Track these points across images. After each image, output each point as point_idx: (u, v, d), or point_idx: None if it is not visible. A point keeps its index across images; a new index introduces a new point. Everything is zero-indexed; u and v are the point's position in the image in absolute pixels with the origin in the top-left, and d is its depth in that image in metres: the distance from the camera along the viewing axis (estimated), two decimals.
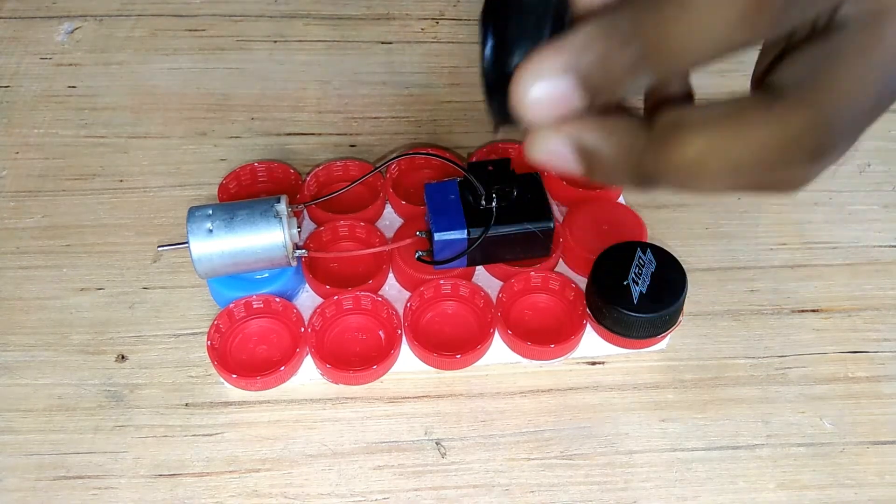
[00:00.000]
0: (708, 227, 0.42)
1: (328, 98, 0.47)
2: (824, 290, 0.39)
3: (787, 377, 0.36)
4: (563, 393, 0.36)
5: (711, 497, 0.33)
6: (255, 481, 0.33)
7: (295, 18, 0.51)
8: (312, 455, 0.34)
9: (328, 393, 0.35)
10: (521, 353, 0.35)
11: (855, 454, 0.34)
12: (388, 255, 0.37)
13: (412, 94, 0.47)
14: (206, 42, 0.49)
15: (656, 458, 0.34)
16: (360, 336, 0.36)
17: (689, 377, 0.36)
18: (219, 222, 0.32)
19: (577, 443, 0.34)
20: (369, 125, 0.45)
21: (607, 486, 0.33)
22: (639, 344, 0.35)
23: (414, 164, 0.41)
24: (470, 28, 0.50)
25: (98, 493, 0.32)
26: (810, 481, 0.33)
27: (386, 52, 0.49)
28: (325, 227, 0.38)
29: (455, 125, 0.45)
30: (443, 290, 0.36)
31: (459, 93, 0.47)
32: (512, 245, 0.36)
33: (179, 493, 0.32)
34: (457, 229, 0.35)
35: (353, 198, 0.40)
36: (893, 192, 0.43)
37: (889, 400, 0.36)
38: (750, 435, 0.34)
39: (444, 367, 0.35)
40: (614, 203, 0.40)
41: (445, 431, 0.34)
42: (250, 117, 0.45)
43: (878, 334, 0.38)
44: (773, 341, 0.37)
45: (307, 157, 0.43)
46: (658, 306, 0.33)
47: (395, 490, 0.33)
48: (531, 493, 0.33)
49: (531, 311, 0.37)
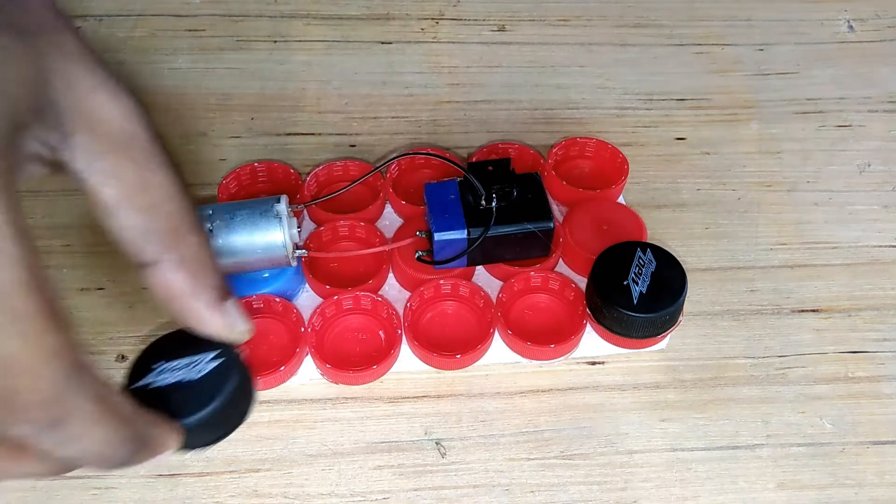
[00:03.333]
0: (708, 227, 0.42)
1: (328, 98, 0.47)
2: (824, 290, 0.39)
3: (787, 377, 0.36)
4: (563, 393, 0.36)
5: (711, 497, 0.33)
6: (255, 481, 0.33)
7: (295, 18, 0.51)
8: (312, 455, 0.34)
9: (328, 393, 0.35)
10: (521, 353, 0.35)
11: (855, 454, 0.34)
12: (388, 255, 0.37)
13: (412, 94, 0.47)
14: (206, 42, 0.49)
15: (656, 458, 0.34)
16: (360, 336, 0.36)
17: (689, 377, 0.36)
18: (219, 222, 0.32)
19: (577, 443, 0.34)
20: (369, 125, 0.45)
21: (607, 486, 0.33)
22: (639, 344, 0.35)
23: (414, 164, 0.41)
24: (470, 28, 0.51)
25: (98, 493, 0.32)
26: (810, 481, 0.33)
27: (386, 52, 0.49)
28: (325, 227, 0.38)
29: (455, 125, 0.45)
30: (443, 290, 0.36)
31: (459, 93, 0.47)
32: (512, 245, 0.36)
33: (179, 493, 0.32)
34: (457, 229, 0.35)
35: (353, 198, 0.40)
36: (893, 192, 0.43)
37: (889, 400, 0.36)
38: (750, 435, 0.35)
39: (444, 367, 0.35)
40: (614, 203, 0.40)
41: (445, 431, 0.34)
42: (250, 117, 0.45)
43: (878, 334, 0.38)
44: (773, 341, 0.37)
45: (307, 157, 0.43)
46: (658, 306, 0.33)
47: (395, 490, 0.33)
48: (531, 493, 0.33)
49: (531, 311, 0.37)
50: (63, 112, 0.24)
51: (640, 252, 0.35)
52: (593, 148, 0.42)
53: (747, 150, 0.45)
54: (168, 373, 0.27)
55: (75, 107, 0.24)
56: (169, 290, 0.26)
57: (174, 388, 0.27)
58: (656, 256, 0.35)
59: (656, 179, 0.43)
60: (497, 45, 0.50)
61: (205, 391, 0.27)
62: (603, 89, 0.47)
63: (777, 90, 0.48)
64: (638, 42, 0.50)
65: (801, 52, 0.50)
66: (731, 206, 0.42)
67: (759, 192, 0.43)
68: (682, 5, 0.52)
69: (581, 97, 0.47)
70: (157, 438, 0.25)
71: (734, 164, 0.44)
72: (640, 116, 0.46)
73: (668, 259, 0.35)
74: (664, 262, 0.35)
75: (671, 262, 0.35)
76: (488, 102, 0.47)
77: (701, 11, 0.52)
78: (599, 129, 0.45)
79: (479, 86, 0.47)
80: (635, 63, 0.49)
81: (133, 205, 0.25)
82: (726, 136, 0.45)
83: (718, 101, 0.47)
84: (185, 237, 0.26)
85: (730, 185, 0.43)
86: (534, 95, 0.47)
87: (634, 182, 0.43)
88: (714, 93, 0.47)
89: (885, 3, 0.53)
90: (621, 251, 0.35)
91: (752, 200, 0.43)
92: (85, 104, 0.25)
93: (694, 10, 0.52)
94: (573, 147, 0.42)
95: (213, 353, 0.27)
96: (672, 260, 0.35)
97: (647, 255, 0.35)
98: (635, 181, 0.43)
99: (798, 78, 0.48)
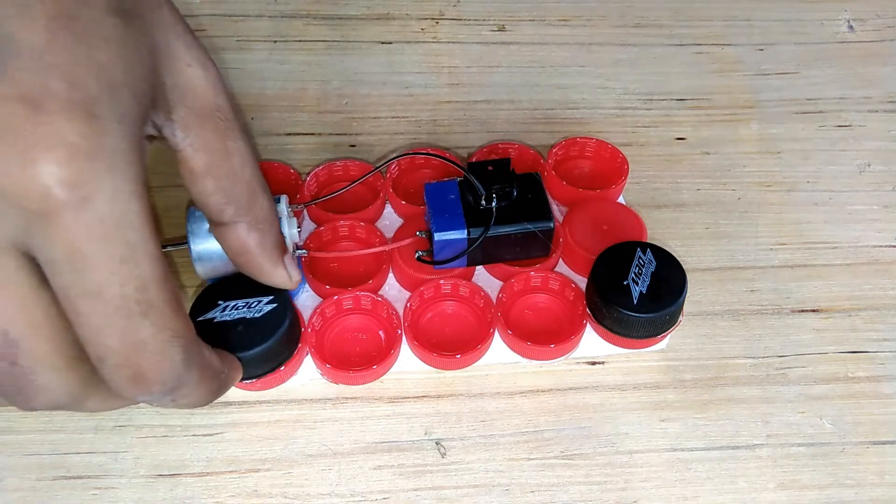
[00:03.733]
0: (708, 227, 0.42)
1: (328, 98, 0.47)
2: (824, 290, 0.39)
3: (787, 377, 0.36)
4: (563, 393, 0.36)
5: (711, 497, 0.33)
6: (255, 481, 0.33)
7: (295, 18, 0.51)
8: (312, 455, 0.34)
9: (328, 393, 0.35)
10: (521, 353, 0.35)
11: (855, 454, 0.34)
12: (388, 255, 0.37)
13: (412, 94, 0.47)
14: (206, 42, 0.49)
15: (656, 458, 0.34)
16: (360, 336, 0.36)
17: (689, 377, 0.36)
18: None
19: (577, 443, 0.34)
20: (369, 125, 0.45)
21: (607, 485, 0.33)
22: (639, 344, 0.35)
23: (414, 164, 0.41)
24: (470, 28, 0.51)
25: (98, 493, 0.32)
26: (810, 481, 0.33)
27: (386, 52, 0.49)
28: (325, 227, 0.38)
29: (455, 125, 0.45)
30: (443, 290, 0.36)
31: (459, 93, 0.47)
32: (512, 245, 0.36)
33: (179, 493, 0.32)
34: (457, 229, 0.35)
35: (353, 198, 0.40)
36: (893, 192, 0.43)
37: (889, 400, 0.36)
38: (750, 435, 0.35)
39: (444, 367, 0.35)
40: (614, 203, 0.40)
41: (445, 431, 0.34)
42: (250, 117, 0.45)
43: (878, 334, 0.38)
44: (773, 341, 0.37)
45: (307, 157, 0.43)
46: (658, 306, 0.34)
47: (395, 490, 0.33)
48: (531, 493, 0.33)
49: (531, 311, 0.37)
50: (168, 90, 0.25)
51: (640, 252, 0.35)
52: (593, 148, 0.42)
53: (747, 150, 0.45)
54: (231, 310, 0.32)
55: (176, 83, 0.25)
56: (243, 247, 0.29)
57: (238, 322, 0.32)
58: (656, 256, 0.35)
59: (656, 179, 0.43)
60: (497, 45, 0.50)
61: (266, 328, 0.32)
62: (603, 89, 0.47)
63: (777, 90, 0.48)
64: (638, 42, 0.50)
65: (801, 52, 0.50)
66: (731, 206, 0.42)
67: (759, 192, 0.43)
68: (682, 5, 0.52)
69: (581, 97, 0.47)
70: (233, 377, 0.30)
71: (734, 164, 0.44)
72: (640, 116, 0.46)
73: (668, 259, 0.35)
74: (664, 262, 0.35)
75: (671, 262, 0.35)
76: (488, 102, 0.47)
77: (701, 11, 0.52)
78: (599, 129, 0.45)
79: (479, 86, 0.47)
80: (635, 63, 0.49)
81: (219, 172, 0.27)
82: (726, 136, 0.45)
83: (718, 101, 0.47)
84: (258, 200, 0.28)
85: (730, 185, 0.43)
86: (534, 95, 0.47)
87: (634, 182, 0.43)
88: (714, 93, 0.47)
89: (885, 3, 0.53)
90: (621, 251, 0.35)
91: (752, 200, 0.43)
92: (182, 79, 0.25)
93: (694, 10, 0.52)
94: (573, 147, 0.42)
95: (269, 298, 0.32)
96: (672, 260, 0.35)
97: (647, 255, 0.35)
98: (635, 181, 0.43)
99: (798, 78, 0.48)
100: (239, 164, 0.27)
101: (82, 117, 0.21)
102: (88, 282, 0.22)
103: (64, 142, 0.21)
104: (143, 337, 0.23)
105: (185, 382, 0.25)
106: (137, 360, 0.23)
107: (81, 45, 0.21)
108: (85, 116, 0.21)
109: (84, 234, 0.21)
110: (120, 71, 0.22)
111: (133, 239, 0.22)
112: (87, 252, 0.21)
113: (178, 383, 0.25)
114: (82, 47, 0.21)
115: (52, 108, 0.21)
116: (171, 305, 0.23)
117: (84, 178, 0.21)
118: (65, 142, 0.21)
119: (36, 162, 0.20)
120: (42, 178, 0.20)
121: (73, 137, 0.21)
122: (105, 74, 0.22)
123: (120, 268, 0.22)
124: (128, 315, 0.22)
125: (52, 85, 0.21)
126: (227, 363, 0.29)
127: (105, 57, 0.22)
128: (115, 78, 0.22)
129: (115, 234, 0.22)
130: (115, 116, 0.22)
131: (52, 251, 0.21)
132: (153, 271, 0.23)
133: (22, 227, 0.21)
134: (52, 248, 0.21)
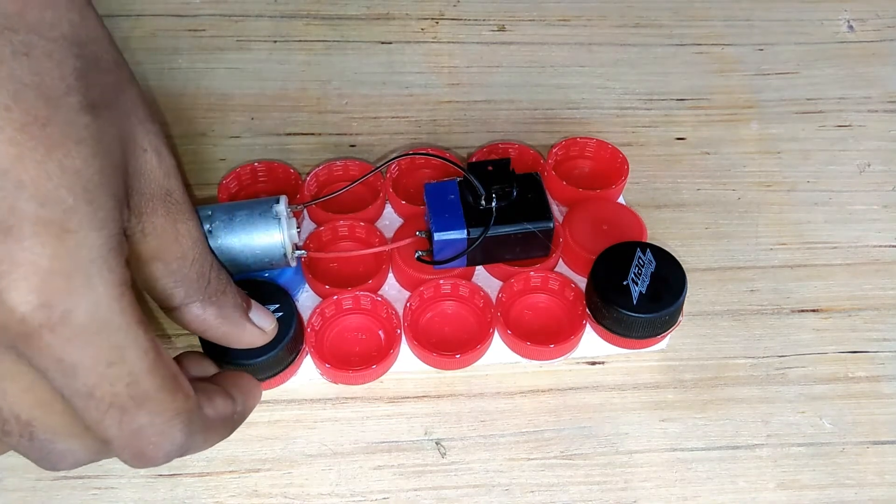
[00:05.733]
0: (708, 227, 0.42)
1: (328, 98, 0.47)
2: (824, 290, 0.39)
3: (787, 377, 0.36)
4: (563, 393, 0.36)
5: (711, 497, 0.33)
6: (255, 481, 0.33)
7: (295, 18, 0.51)
8: (312, 455, 0.34)
9: (328, 393, 0.35)
10: (521, 353, 0.35)
11: (855, 454, 0.34)
12: (387, 255, 0.37)
13: (412, 94, 0.47)
14: (206, 42, 0.49)
15: (656, 458, 0.34)
16: (359, 336, 0.36)
17: (689, 377, 0.36)
18: (218, 223, 0.32)
19: (577, 443, 0.34)
20: (369, 125, 0.45)
21: (607, 485, 0.33)
22: (639, 344, 0.35)
23: (414, 164, 0.41)
24: (470, 28, 0.51)
25: (98, 493, 0.32)
26: (810, 481, 0.33)
27: (386, 52, 0.49)
28: (325, 227, 0.38)
29: (455, 125, 0.45)
30: (442, 289, 0.36)
31: (459, 93, 0.47)
32: (512, 245, 0.36)
33: (179, 493, 0.32)
34: (457, 229, 0.35)
35: (353, 198, 0.40)
36: (893, 192, 0.43)
37: (889, 400, 0.36)
38: (750, 435, 0.35)
39: (444, 366, 0.35)
40: (614, 203, 0.40)
41: (445, 431, 0.34)
42: (250, 117, 0.45)
43: (878, 334, 0.38)
44: (773, 341, 0.37)
45: (307, 157, 0.43)
46: (658, 306, 0.34)
47: (395, 490, 0.33)
48: (531, 493, 0.33)
49: (531, 311, 0.37)
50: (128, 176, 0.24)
51: (640, 252, 0.35)
52: (593, 148, 0.42)
53: (747, 150, 0.45)
54: None
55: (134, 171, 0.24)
56: (203, 323, 0.28)
57: None
58: (656, 256, 0.35)
59: (656, 179, 0.43)
60: (497, 45, 0.50)
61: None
62: (603, 89, 0.47)
63: (777, 90, 0.48)
64: (638, 42, 0.50)
65: (801, 52, 0.50)
66: (731, 206, 0.42)
67: (759, 192, 0.43)
68: (682, 5, 0.52)
69: (581, 97, 0.47)
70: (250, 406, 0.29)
71: (734, 164, 0.44)
72: (640, 116, 0.46)
73: (668, 259, 0.35)
74: (664, 263, 0.35)
75: (671, 263, 0.35)
76: (488, 102, 0.47)
77: (701, 11, 0.52)
78: (599, 129, 0.45)
79: (479, 86, 0.47)
80: (635, 63, 0.49)
81: (168, 256, 0.26)
82: (726, 136, 0.45)
83: (718, 101, 0.47)
84: (208, 278, 0.27)
85: (730, 185, 0.43)
86: (534, 95, 0.47)
87: (634, 182, 0.43)
88: (714, 93, 0.47)
89: (886, 3, 0.53)
90: (621, 251, 0.35)
91: (752, 200, 0.43)
92: (138, 165, 0.25)
93: (694, 10, 0.52)
94: (573, 147, 0.42)
95: (276, 306, 0.33)
96: (672, 260, 0.35)
97: (647, 255, 0.35)
98: (635, 181, 0.43)
99: (798, 78, 0.48)
100: (189, 245, 0.26)
101: (55, 237, 0.20)
102: (79, 385, 0.22)
103: (36, 267, 0.20)
104: (141, 424, 0.23)
105: (192, 447, 0.25)
106: (139, 445, 0.23)
107: (53, 155, 0.20)
108: (58, 235, 0.20)
109: (66, 346, 0.21)
110: (95, 172, 0.21)
111: (118, 340, 0.22)
112: (72, 361, 0.21)
113: (183, 451, 0.25)
114: (54, 156, 0.20)
115: (23, 231, 0.20)
116: (166, 389, 0.23)
117: (60, 298, 0.20)
118: (37, 267, 0.20)
119: (9, 291, 0.20)
120: (16, 308, 0.20)
121: (45, 261, 0.20)
122: (80, 181, 0.21)
123: (108, 370, 0.22)
124: (122, 409, 0.22)
125: (20, 206, 0.20)
126: (242, 391, 0.28)
127: (79, 161, 0.21)
128: (90, 182, 0.21)
129: (98, 340, 0.21)
130: (94, 224, 0.21)
131: (39, 362, 0.21)
132: (143, 364, 0.22)
133: (9, 342, 0.21)
134: (38, 359, 0.21)
